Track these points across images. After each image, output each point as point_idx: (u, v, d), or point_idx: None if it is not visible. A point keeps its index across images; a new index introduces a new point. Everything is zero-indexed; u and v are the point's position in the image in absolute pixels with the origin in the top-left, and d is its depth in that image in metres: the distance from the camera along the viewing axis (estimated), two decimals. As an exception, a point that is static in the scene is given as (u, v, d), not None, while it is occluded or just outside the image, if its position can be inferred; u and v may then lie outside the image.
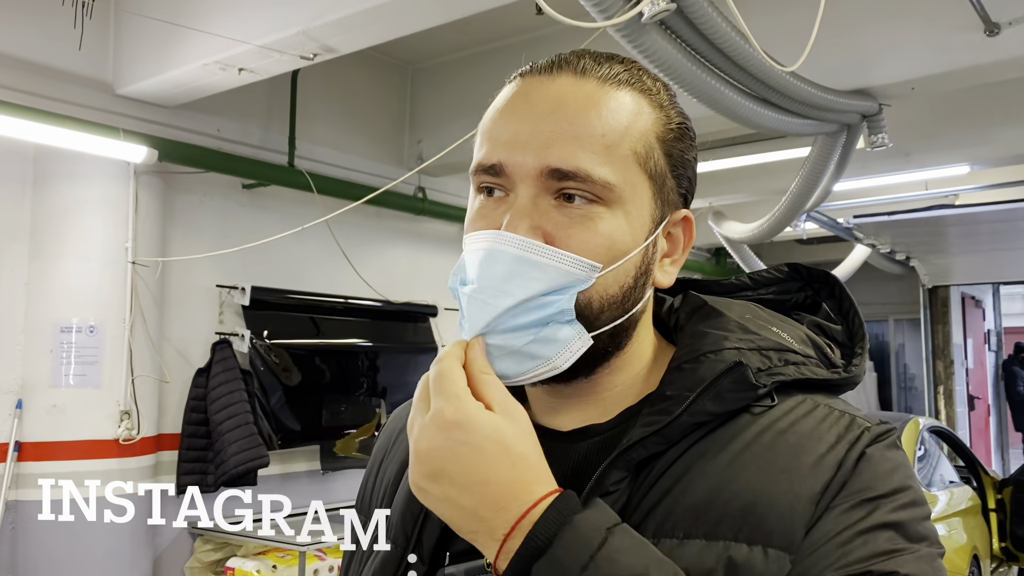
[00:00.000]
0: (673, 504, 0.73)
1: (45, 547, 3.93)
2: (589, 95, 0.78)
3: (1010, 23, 3.53)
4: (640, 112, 0.80)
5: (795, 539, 0.70)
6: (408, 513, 0.85)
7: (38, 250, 4.07)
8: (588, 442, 0.82)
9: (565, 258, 0.75)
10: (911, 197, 6.48)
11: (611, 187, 0.76)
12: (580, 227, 0.75)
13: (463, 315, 0.78)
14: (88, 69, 4.19)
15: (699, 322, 0.84)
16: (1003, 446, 11.08)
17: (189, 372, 4.61)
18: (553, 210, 0.76)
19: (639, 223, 0.79)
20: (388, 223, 5.77)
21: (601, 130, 0.76)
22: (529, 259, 0.74)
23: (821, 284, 0.92)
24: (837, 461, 0.73)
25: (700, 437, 0.76)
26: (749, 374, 0.76)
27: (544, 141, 0.75)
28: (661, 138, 0.81)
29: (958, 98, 5.13)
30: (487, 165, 0.78)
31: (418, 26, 3.50)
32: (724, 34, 2.84)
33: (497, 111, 0.81)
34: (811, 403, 0.78)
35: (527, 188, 0.76)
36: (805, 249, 9.96)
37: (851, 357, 0.85)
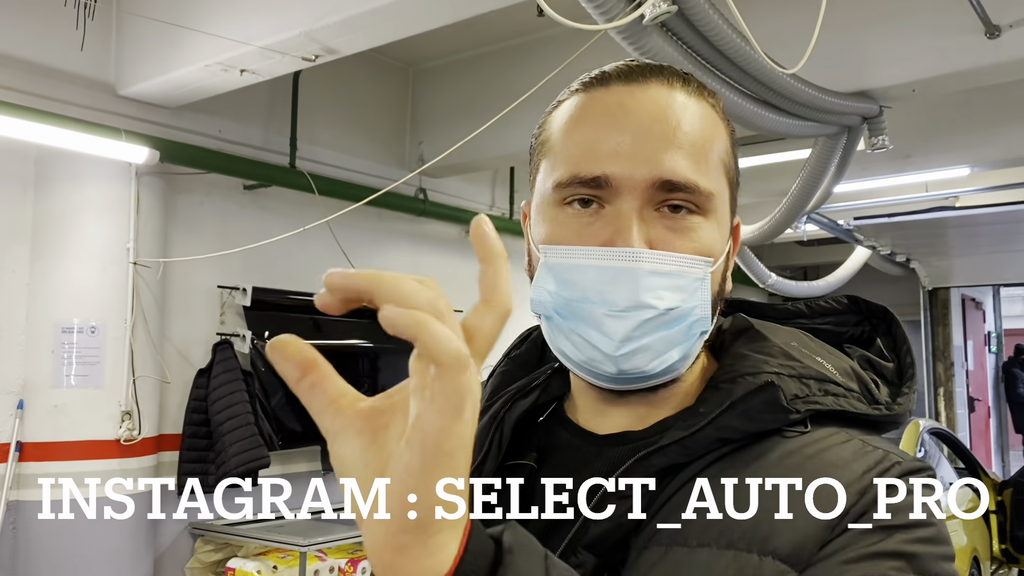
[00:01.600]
0: (690, 515, 0.73)
1: (46, 548, 3.93)
2: (684, 104, 0.78)
3: (1011, 25, 3.54)
4: (717, 122, 0.81)
5: (803, 557, 0.68)
6: None
7: (40, 251, 4.08)
8: (622, 448, 0.82)
9: (688, 261, 0.76)
10: (911, 199, 6.49)
11: (712, 196, 0.77)
12: (683, 237, 0.76)
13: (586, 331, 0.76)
14: (90, 70, 4.20)
15: (743, 345, 0.83)
16: (1003, 448, 11.08)
17: (190, 373, 4.61)
18: (657, 221, 0.76)
19: (724, 230, 0.80)
20: (389, 224, 5.78)
21: (701, 140, 0.77)
22: (659, 270, 0.74)
23: (879, 320, 0.91)
24: (862, 488, 0.71)
25: (725, 454, 0.75)
26: (781, 396, 0.75)
27: (652, 151, 0.75)
28: (733, 147, 0.83)
29: (959, 100, 5.14)
30: (587, 177, 0.76)
31: (419, 28, 3.51)
32: (725, 36, 2.85)
33: (579, 119, 0.79)
34: (845, 435, 0.76)
35: (634, 200, 0.75)
36: (805, 251, 9.97)
37: (898, 396, 0.83)
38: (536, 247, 0.81)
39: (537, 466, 0.86)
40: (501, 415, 0.88)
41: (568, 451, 0.85)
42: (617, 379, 0.77)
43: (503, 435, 0.86)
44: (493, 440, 0.86)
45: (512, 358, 0.96)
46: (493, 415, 0.88)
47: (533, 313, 0.82)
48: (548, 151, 0.82)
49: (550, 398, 0.90)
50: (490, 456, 0.85)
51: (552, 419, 0.90)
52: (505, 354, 0.97)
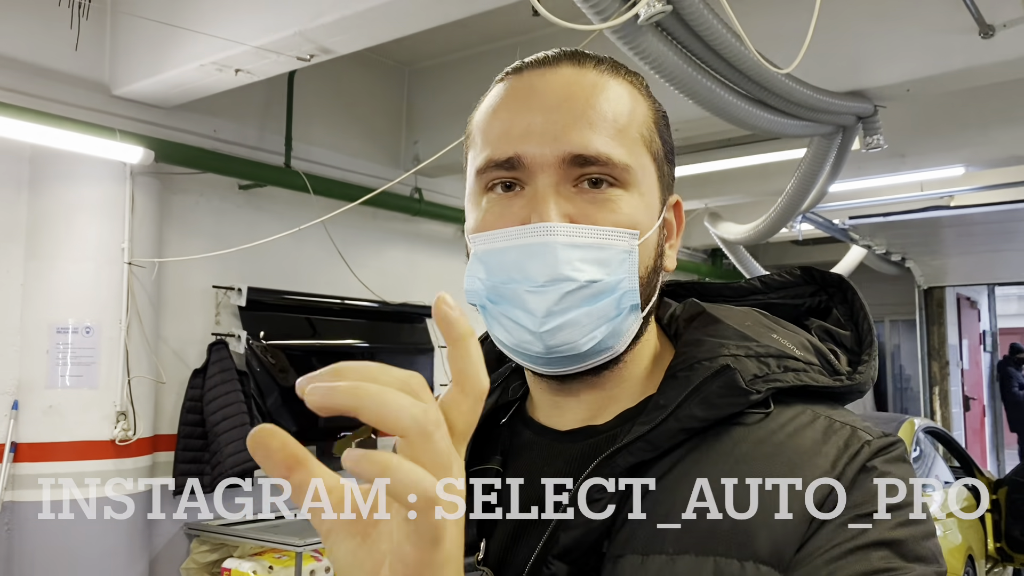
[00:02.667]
0: (664, 519, 0.71)
1: (41, 548, 3.92)
2: (594, 83, 0.79)
3: (1004, 25, 3.55)
4: (636, 99, 0.81)
5: (786, 556, 0.67)
6: None
7: (34, 251, 4.07)
8: (584, 443, 0.81)
9: (606, 232, 0.75)
10: (906, 198, 6.50)
11: (629, 169, 0.77)
12: (605, 209, 0.76)
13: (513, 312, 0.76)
14: (84, 70, 4.19)
15: (696, 330, 0.83)
16: (998, 447, 11.10)
17: (185, 373, 4.61)
18: (575, 196, 0.76)
19: (652, 204, 0.80)
20: (385, 224, 5.77)
21: (612, 115, 0.77)
22: (576, 243, 0.74)
23: (834, 289, 0.90)
24: (836, 477, 0.70)
25: (694, 448, 0.74)
26: (738, 378, 0.75)
27: (561, 129, 0.75)
28: (655, 123, 0.83)
29: (953, 100, 5.15)
30: (501, 160, 0.77)
31: (414, 27, 3.50)
32: (720, 36, 2.85)
33: (496, 107, 0.80)
34: (811, 414, 0.76)
35: (548, 177, 0.75)
36: (801, 250, 9.98)
37: (858, 364, 0.83)
38: (467, 238, 0.82)
39: (502, 468, 0.85)
40: None
41: (531, 450, 0.84)
42: (549, 359, 0.76)
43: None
44: None
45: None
46: None
47: (470, 304, 0.81)
48: (471, 142, 0.83)
49: (511, 398, 0.90)
50: None
51: (515, 418, 0.89)
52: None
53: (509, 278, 0.76)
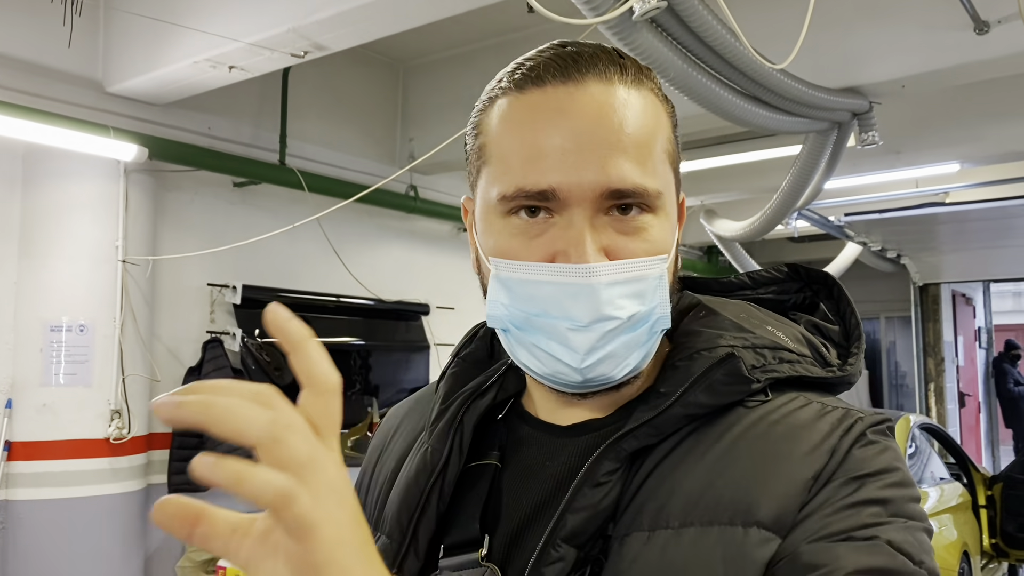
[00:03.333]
0: (667, 496, 0.73)
1: (35, 547, 3.91)
2: (623, 102, 0.76)
3: (999, 21, 3.55)
4: (658, 108, 0.79)
5: (787, 522, 0.69)
6: (404, 506, 0.85)
7: (28, 249, 4.05)
8: (587, 436, 0.82)
9: (642, 264, 0.75)
10: (902, 195, 6.51)
11: (661, 195, 0.76)
12: (638, 239, 0.75)
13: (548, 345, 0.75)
14: (78, 67, 4.18)
15: (693, 321, 0.84)
16: (993, 443, 11.13)
17: (180, 371, 4.60)
18: (608, 226, 0.75)
19: (673, 219, 0.80)
20: (380, 221, 5.76)
21: (643, 138, 0.76)
22: (616, 280, 0.74)
23: (820, 285, 0.91)
24: (831, 448, 0.72)
25: (693, 430, 0.76)
26: (742, 366, 0.76)
27: (598, 159, 0.73)
28: (673, 130, 0.82)
29: (948, 96, 5.15)
30: (534, 191, 0.74)
31: (409, 24, 3.50)
32: (714, 32, 2.85)
33: (518, 125, 0.76)
34: (804, 399, 0.78)
35: (584, 210, 0.74)
36: (796, 247, 9.99)
37: (847, 357, 0.85)
38: (486, 258, 0.79)
39: (500, 464, 0.85)
40: (460, 417, 0.86)
41: (532, 445, 0.85)
42: (583, 386, 0.77)
43: (463, 438, 0.86)
44: (454, 444, 0.85)
45: (463, 358, 0.94)
46: (451, 418, 0.86)
47: (490, 326, 0.81)
48: (489, 157, 0.79)
49: (507, 395, 0.90)
50: (452, 461, 0.84)
51: (511, 415, 0.89)
52: (454, 354, 0.95)
53: (545, 312, 0.75)
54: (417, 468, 0.86)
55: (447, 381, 0.92)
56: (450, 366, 0.94)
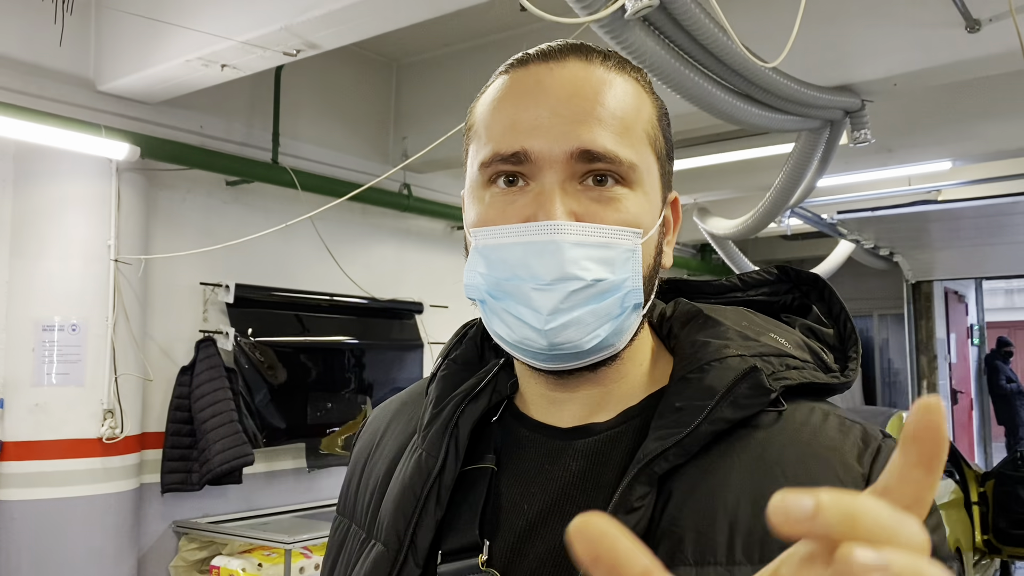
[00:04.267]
0: (708, 524, 0.71)
1: (28, 547, 3.90)
2: (602, 78, 0.78)
3: (990, 19, 3.56)
4: (642, 95, 0.81)
5: None
6: (400, 513, 0.83)
7: (19, 248, 4.04)
8: (588, 440, 0.81)
9: (612, 231, 0.75)
10: (894, 193, 6.52)
11: (635, 167, 0.77)
12: (610, 208, 0.76)
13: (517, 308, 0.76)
14: (69, 65, 4.16)
15: (696, 332, 0.83)
16: (986, 440, 11.18)
17: (173, 370, 4.59)
18: (581, 193, 0.76)
19: (655, 203, 0.80)
20: (373, 220, 5.76)
21: (620, 112, 0.77)
22: (583, 242, 0.74)
23: (810, 287, 0.91)
24: (863, 476, 0.72)
25: (721, 450, 0.75)
26: (764, 379, 0.76)
27: (569, 124, 0.75)
28: (660, 120, 0.83)
29: (940, 94, 5.16)
30: (507, 153, 0.76)
31: (402, 22, 3.49)
32: (706, 30, 2.85)
33: (501, 100, 0.80)
34: (821, 412, 0.78)
35: (555, 173, 0.75)
36: (789, 245, 10.01)
37: (844, 360, 0.85)
38: (468, 232, 0.82)
39: (497, 468, 0.84)
40: (455, 421, 0.85)
41: (530, 448, 0.83)
42: (551, 355, 0.76)
43: (459, 442, 0.84)
44: (449, 448, 0.84)
45: (453, 359, 0.93)
46: (445, 422, 0.85)
47: (468, 299, 0.82)
48: (474, 135, 0.83)
49: (501, 397, 0.89)
50: (448, 466, 0.83)
51: (506, 416, 0.88)
52: (443, 356, 0.95)
53: (513, 275, 0.76)
54: (412, 474, 0.84)
55: (438, 384, 0.91)
56: (440, 368, 0.93)
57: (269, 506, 4.97)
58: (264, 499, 4.98)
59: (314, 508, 5.10)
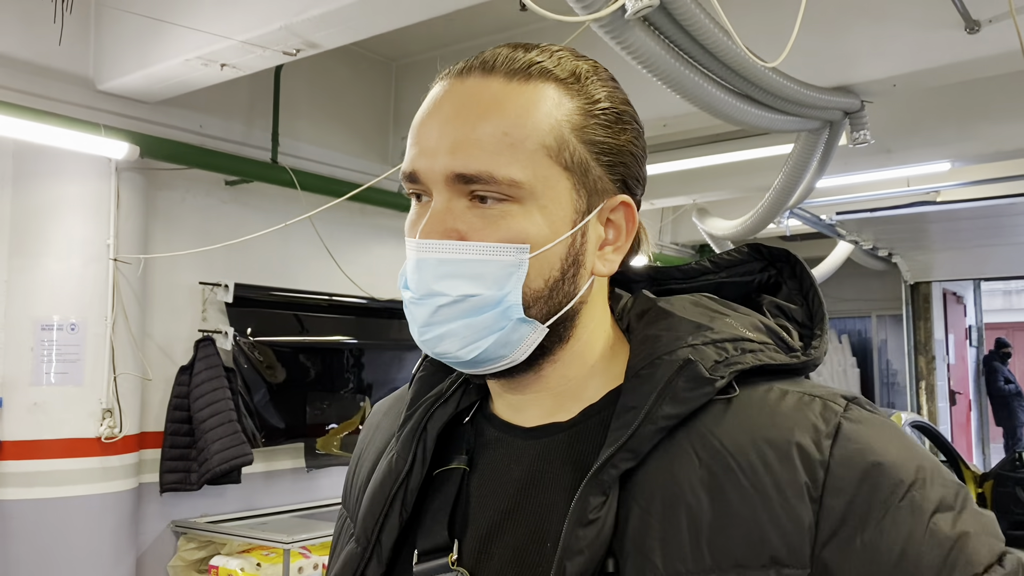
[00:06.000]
0: (673, 530, 0.70)
1: (26, 547, 3.90)
2: (494, 95, 0.77)
3: (990, 20, 3.56)
4: (549, 105, 0.78)
5: (804, 552, 0.68)
6: (369, 513, 0.86)
7: (18, 247, 4.03)
8: (548, 439, 0.82)
9: (484, 248, 0.76)
10: (893, 194, 6.52)
11: (519, 184, 0.75)
12: (492, 225, 0.76)
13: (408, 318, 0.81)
14: (69, 64, 4.16)
15: (649, 326, 0.82)
16: (984, 441, 11.19)
17: (172, 370, 4.58)
18: (467, 212, 0.77)
19: (559, 215, 0.78)
20: (372, 220, 5.75)
21: (504, 129, 0.76)
22: (447, 259, 0.76)
23: (783, 264, 0.90)
24: (823, 462, 0.70)
25: (672, 448, 0.74)
26: (700, 369, 0.75)
27: (449, 147, 0.76)
28: (578, 127, 0.79)
29: (939, 95, 5.17)
30: (406, 173, 0.80)
31: (401, 22, 3.49)
32: (707, 30, 2.85)
33: (418, 114, 0.83)
34: (779, 391, 0.76)
35: (440, 193, 0.77)
36: (789, 245, 9.85)
37: (811, 339, 0.83)
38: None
39: (469, 468, 0.85)
40: (423, 425, 0.87)
41: (498, 448, 0.85)
42: (447, 364, 0.81)
43: (426, 446, 0.86)
44: (417, 452, 0.86)
45: (431, 361, 0.94)
46: (414, 426, 0.87)
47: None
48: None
49: (471, 400, 0.90)
50: (415, 469, 0.85)
51: (478, 417, 0.89)
52: (423, 357, 0.95)
53: (404, 286, 0.80)
54: (383, 475, 0.87)
55: (416, 385, 0.93)
56: (419, 369, 0.95)
57: (268, 506, 4.97)
58: (263, 499, 4.98)
59: (313, 508, 5.09)
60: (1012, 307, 16.55)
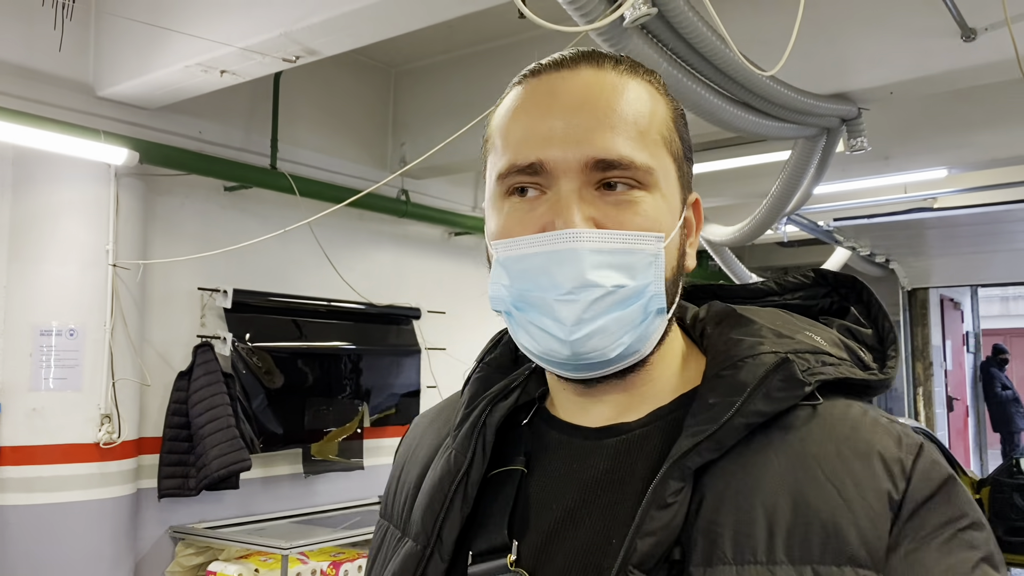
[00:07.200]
0: (748, 523, 0.70)
1: (24, 552, 3.89)
2: (614, 84, 0.79)
3: (986, 28, 3.58)
4: (656, 98, 0.81)
5: (879, 554, 0.68)
6: (429, 510, 0.85)
7: (17, 253, 4.04)
8: (617, 439, 0.81)
9: (633, 236, 0.75)
10: (890, 200, 6.54)
11: (651, 171, 0.77)
12: (629, 212, 0.76)
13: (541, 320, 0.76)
14: (68, 71, 4.17)
15: (729, 330, 0.83)
16: (981, 447, 11.19)
17: (170, 375, 4.58)
18: (598, 199, 0.76)
19: (673, 205, 0.80)
20: (371, 225, 5.76)
21: (632, 117, 0.77)
22: (602, 248, 0.74)
23: (848, 289, 0.91)
24: (905, 472, 0.71)
25: (752, 441, 0.74)
26: (796, 370, 0.75)
27: (583, 133, 0.75)
28: (674, 121, 0.83)
29: (936, 102, 5.19)
30: (523, 165, 0.77)
31: (401, 29, 3.50)
32: (704, 38, 2.87)
33: (516, 110, 0.81)
34: (859, 408, 0.77)
35: (570, 182, 0.75)
36: (786, 252, 10.03)
37: (884, 359, 0.85)
38: (489, 244, 0.82)
39: (527, 470, 0.84)
40: (483, 420, 0.86)
41: (559, 450, 0.84)
42: (577, 365, 0.77)
43: (486, 441, 0.85)
44: (477, 447, 0.85)
45: (487, 363, 0.95)
46: (474, 422, 0.87)
47: (494, 311, 0.82)
48: (491, 147, 0.83)
49: (530, 398, 0.90)
50: (475, 464, 0.84)
51: (536, 419, 0.89)
52: (479, 359, 0.96)
53: (535, 285, 0.75)
54: (441, 472, 0.86)
55: (472, 386, 0.93)
56: (475, 371, 0.95)
57: (266, 511, 4.96)
58: (261, 504, 4.98)
59: (311, 514, 5.09)
60: (1009, 313, 16.56)
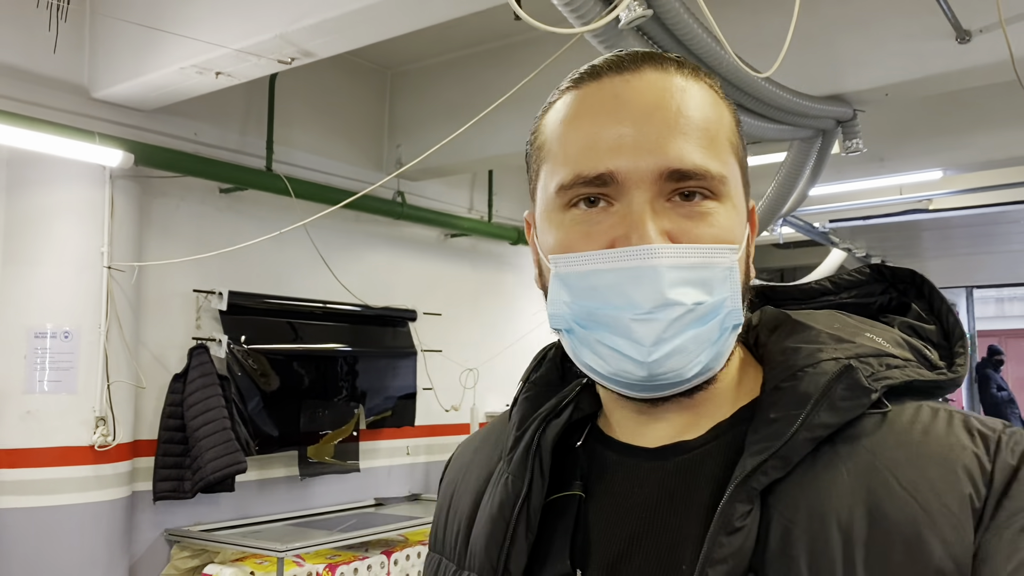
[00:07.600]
0: (823, 541, 0.66)
1: (19, 556, 3.88)
2: (682, 88, 0.74)
3: (981, 31, 3.59)
4: (719, 102, 0.77)
5: (964, 563, 0.63)
6: (492, 540, 0.80)
7: (12, 255, 4.03)
8: (678, 459, 0.77)
9: (710, 250, 0.71)
10: (886, 202, 6.56)
11: (725, 180, 0.73)
12: (703, 224, 0.71)
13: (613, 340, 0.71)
14: (63, 72, 4.16)
15: (785, 338, 0.79)
16: (977, 448, 11.18)
17: (166, 378, 4.57)
18: (670, 211, 0.72)
19: (742, 214, 0.76)
20: (367, 227, 5.76)
21: (703, 122, 0.73)
22: (681, 264, 0.70)
23: (907, 284, 0.86)
24: (986, 473, 0.67)
25: (822, 457, 0.70)
26: (861, 377, 0.71)
27: (655, 141, 0.71)
28: (738, 127, 0.80)
29: (931, 104, 5.20)
30: (591, 176, 0.71)
31: (396, 31, 3.50)
32: (699, 40, 2.87)
33: (576, 116, 0.75)
34: (930, 410, 0.72)
35: (643, 193, 0.71)
36: (782, 253, 10.05)
37: (951, 356, 0.80)
38: (545, 258, 0.76)
39: (585, 494, 0.80)
40: (536, 441, 0.82)
41: (617, 471, 0.80)
42: (651, 386, 0.72)
43: (543, 461, 0.81)
44: (534, 470, 0.80)
45: (533, 381, 0.90)
46: (528, 443, 0.82)
47: (552, 329, 0.77)
48: (547, 155, 0.77)
49: (583, 415, 0.85)
50: (535, 488, 0.80)
51: (591, 440, 0.84)
52: (524, 379, 0.91)
53: (606, 303, 0.71)
54: (500, 499, 0.81)
55: (520, 407, 0.88)
56: (521, 392, 0.90)
57: (262, 514, 4.95)
58: (257, 507, 4.97)
59: (307, 516, 5.08)
60: (1004, 314, 16.60)
